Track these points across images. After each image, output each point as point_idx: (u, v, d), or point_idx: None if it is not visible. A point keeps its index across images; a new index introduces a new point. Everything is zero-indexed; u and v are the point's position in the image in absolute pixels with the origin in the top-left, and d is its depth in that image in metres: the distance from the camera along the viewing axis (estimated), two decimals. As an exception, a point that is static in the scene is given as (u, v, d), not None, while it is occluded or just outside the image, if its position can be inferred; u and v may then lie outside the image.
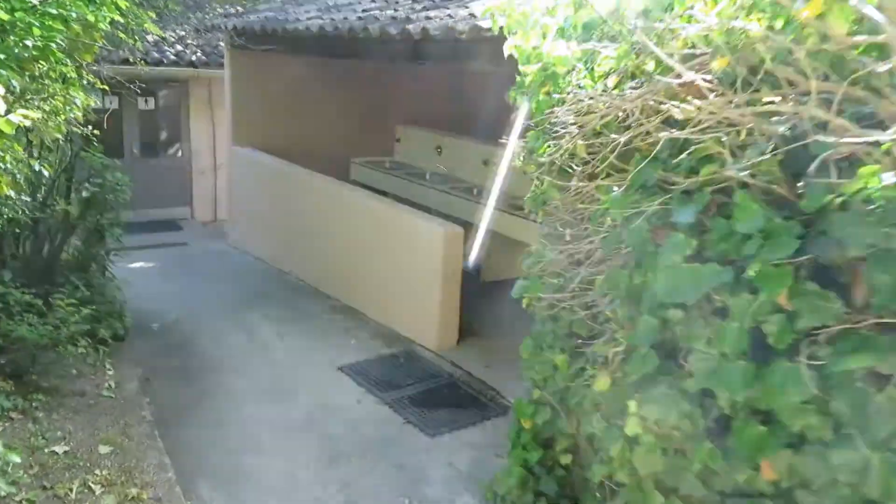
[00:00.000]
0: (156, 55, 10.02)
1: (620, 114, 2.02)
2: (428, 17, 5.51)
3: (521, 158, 2.75)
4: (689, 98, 1.70)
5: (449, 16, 5.37)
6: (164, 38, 10.39)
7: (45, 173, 4.18)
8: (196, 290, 7.41)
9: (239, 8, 10.14)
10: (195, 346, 5.96)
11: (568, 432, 3.20)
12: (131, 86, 4.99)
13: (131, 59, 7.99)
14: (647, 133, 1.89)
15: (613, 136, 1.96)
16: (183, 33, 10.80)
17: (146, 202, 10.58)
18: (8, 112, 2.48)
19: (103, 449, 3.88)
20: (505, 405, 5.28)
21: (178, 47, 10.42)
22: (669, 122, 2.10)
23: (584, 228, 2.68)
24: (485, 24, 4.82)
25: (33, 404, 4.17)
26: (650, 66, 1.96)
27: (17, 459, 2.69)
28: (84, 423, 4.16)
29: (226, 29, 8.38)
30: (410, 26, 5.44)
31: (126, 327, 5.64)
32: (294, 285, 7.65)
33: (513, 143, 2.98)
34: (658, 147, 1.83)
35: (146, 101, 10.57)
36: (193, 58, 10.32)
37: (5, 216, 5.11)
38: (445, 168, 8.41)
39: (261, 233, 8.55)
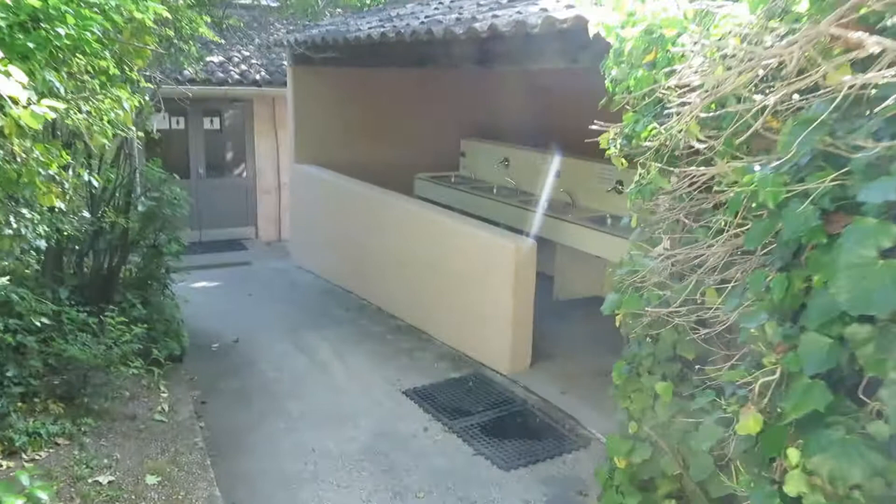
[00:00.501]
0: (220, 75, 10.04)
1: (761, 71, 1.55)
2: (495, 16, 5.14)
3: (616, 147, 2.30)
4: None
5: (518, 13, 4.98)
6: (228, 59, 10.48)
7: (95, 184, 3.96)
8: (257, 309, 7.19)
9: (302, 25, 10.10)
10: (254, 368, 5.69)
11: (673, 474, 2.69)
12: (187, 99, 4.80)
13: (196, 77, 7.98)
14: (808, 88, 1.42)
15: (758, 97, 1.49)
16: (247, 53, 10.86)
17: (211, 222, 10.60)
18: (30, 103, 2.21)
19: (150, 479, 3.58)
20: (586, 436, 4.75)
21: (243, 67, 10.43)
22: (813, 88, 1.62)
23: (696, 228, 2.20)
24: (559, 14, 4.40)
25: (82, 429, 3.93)
26: (802, 5, 1.50)
27: (45, 496, 2.38)
28: (133, 449, 3.88)
29: (288, 43, 8.25)
30: (477, 24, 5.07)
31: (183, 347, 5.41)
32: (357, 304, 7.33)
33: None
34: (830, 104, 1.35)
35: (211, 121, 10.61)
36: (257, 77, 10.30)
37: (64, 232, 4.97)
38: (514, 181, 7.98)
39: (323, 251, 8.31)
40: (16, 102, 1.98)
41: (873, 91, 1.39)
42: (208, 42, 10.34)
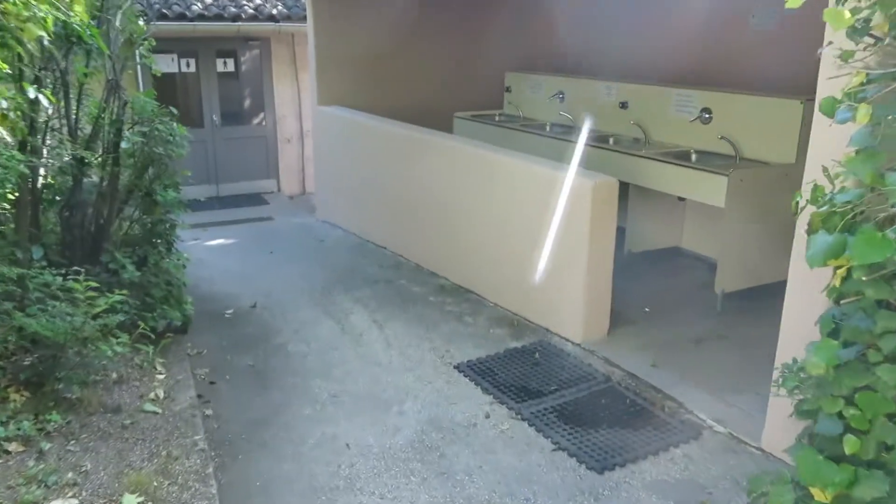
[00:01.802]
0: (233, 10, 8.97)
1: None
2: None
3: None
4: None
5: None
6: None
7: (45, 101, 2.96)
8: (279, 270, 6.23)
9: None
10: (275, 339, 4.73)
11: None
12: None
13: (205, 12, 6.91)
14: None
15: None
16: (263, -14, 9.75)
17: (229, 175, 9.69)
18: None
19: (129, 500, 2.64)
20: (693, 423, 3.71)
21: (258, 1, 9.32)
22: None
23: None
24: None
25: (45, 428, 3.00)
26: None
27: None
28: (111, 455, 2.94)
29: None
30: None
31: (186, 316, 4.47)
32: (392, 262, 6.32)
33: None
34: None
35: (225, 63, 9.58)
36: (274, 11, 9.22)
37: (21, 169, 3.98)
38: (571, 116, 6.81)
39: (352, 203, 7.27)
40: None
41: None
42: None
